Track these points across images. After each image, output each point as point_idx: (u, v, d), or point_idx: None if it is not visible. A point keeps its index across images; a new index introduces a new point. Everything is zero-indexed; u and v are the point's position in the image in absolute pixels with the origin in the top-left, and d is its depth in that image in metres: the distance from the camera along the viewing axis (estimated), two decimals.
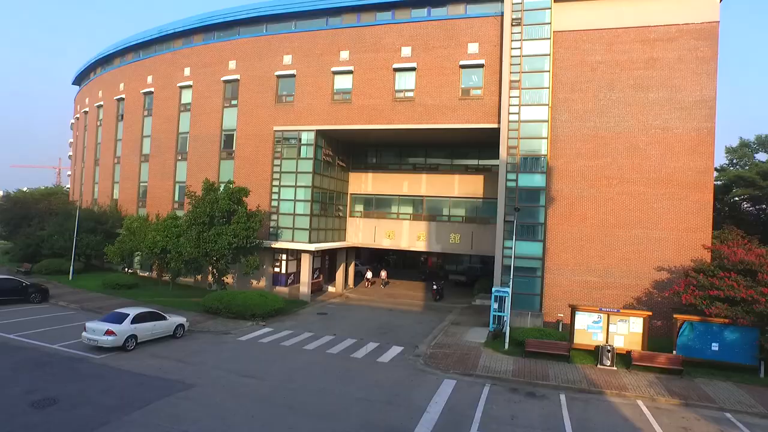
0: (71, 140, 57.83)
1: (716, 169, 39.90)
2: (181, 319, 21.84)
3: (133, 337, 19.14)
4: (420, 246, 35.00)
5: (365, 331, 24.86)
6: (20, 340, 19.51)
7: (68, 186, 61.71)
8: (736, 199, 40.08)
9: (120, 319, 19.08)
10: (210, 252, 27.30)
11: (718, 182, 38.23)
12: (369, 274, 38.09)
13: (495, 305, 25.00)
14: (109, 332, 18.35)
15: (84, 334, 18.73)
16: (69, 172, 59.16)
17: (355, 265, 42.77)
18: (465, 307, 33.14)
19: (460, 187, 34.21)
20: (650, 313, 20.83)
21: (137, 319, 19.53)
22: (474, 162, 34.11)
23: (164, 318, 20.86)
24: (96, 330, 18.50)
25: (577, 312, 21.21)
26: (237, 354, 19.53)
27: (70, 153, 58.57)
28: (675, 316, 20.01)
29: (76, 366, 16.92)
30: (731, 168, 44.31)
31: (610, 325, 20.73)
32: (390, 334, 24.52)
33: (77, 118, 53.75)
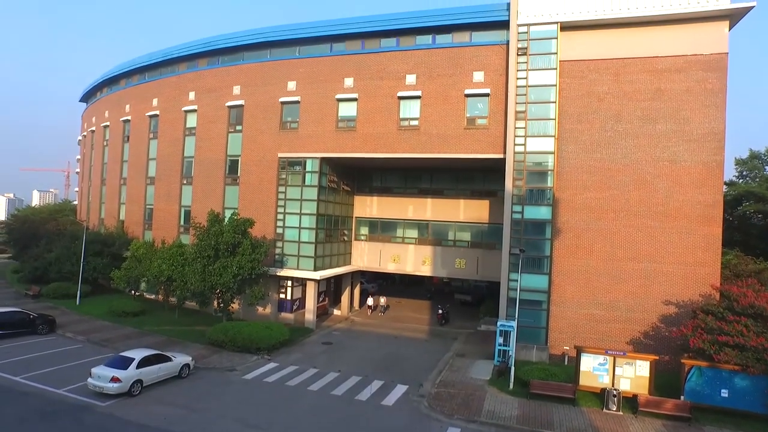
0: (78, 156, 58.27)
1: (726, 183, 39.51)
2: (186, 359, 21.86)
3: (139, 381, 19.18)
4: (425, 270, 34.86)
5: (370, 364, 24.82)
6: (26, 384, 19.57)
7: (76, 201, 62.18)
8: (746, 212, 39.64)
9: (125, 364, 19.13)
10: (215, 285, 27.34)
11: (728, 196, 37.84)
12: (370, 301, 37.73)
13: (500, 339, 24.89)
14: (114, 379, 18.40)
15: (89, 380, 18.80)
16: (77, 189, 59.59)
17: (361, 283, 42.73)
18: (470, 333, 32.99)
19: (466, 211, 34.02)
20: (657, 357, 20.56)
21: (143, 363, 19.56)
22: (479, 187, 33.86)
23: (169, 359, 20.89)
24: (101, 376, 18.55)
25: (582, 354, 20.99)
26: (242, 398, 19.52)
27: (78, 169, 59.00)
28: (683, 361, 19.76)
29: (82, 417, 16.96)
30: (740, 181, 43.92)
31: (616, 368, 20.49)
32: (395, 368, 24.46)
33: (84, 136, 54.11)
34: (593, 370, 20.87)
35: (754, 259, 29.47)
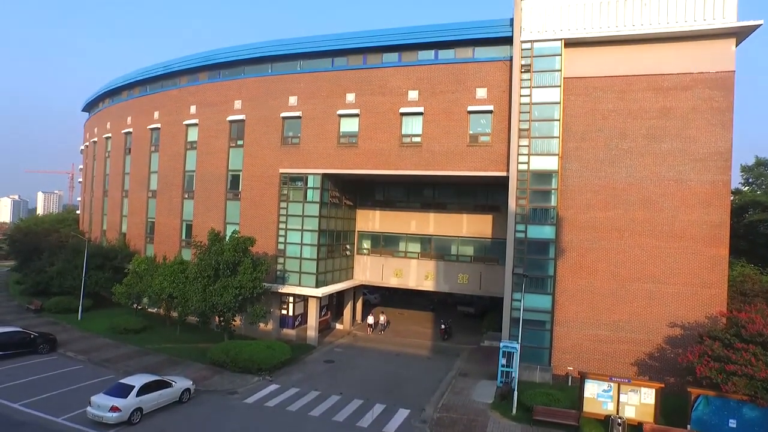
0: (81, 166, 58.30)
1: (732, 192, 39.16)
2: (186, 383, 21.68)
3: (139, 410, 19.02)
4: (428, 285, 34.59)
5: (372, 386, 24.59)
6: (24, 412, 19.38)
7: (79, 210, 62.23)
8: (752, 220, 39.26)
9: (125, 392, 18.95)
10: (216, 304, 27.16)
11: (734, 204, 37.46)
12: (370, 319, 37.19)
13: (503, 360, 24.65)
14: (114, 408, 18.23)
15: (89, 408, 18.64)
16: (80, 198, 59.62)
17: (363, 294, 42.54)
18: (473, 348, 32.71)
19: (469, 226, 33.74)
20: (662, 385, 20.23)
21: (143, 390, 19.38)
22: (482, 201, 33.53)
23: (170, 385, 20.70)
24: (101, 405, 18.39)
25: (586, 380, 20.71)
26: (242, 426, 19.31)
27: (80, 179, 59.00)
28: (690, 390, 19.44)
29: None
30: (746, 188, 43.57)
31: (621, 395, 20.21)
32: (397, 390, 24.21)
33: (86, 146, 54.08)
34: (597, 396, 20.60)
35: (760, 270, 29.11)
